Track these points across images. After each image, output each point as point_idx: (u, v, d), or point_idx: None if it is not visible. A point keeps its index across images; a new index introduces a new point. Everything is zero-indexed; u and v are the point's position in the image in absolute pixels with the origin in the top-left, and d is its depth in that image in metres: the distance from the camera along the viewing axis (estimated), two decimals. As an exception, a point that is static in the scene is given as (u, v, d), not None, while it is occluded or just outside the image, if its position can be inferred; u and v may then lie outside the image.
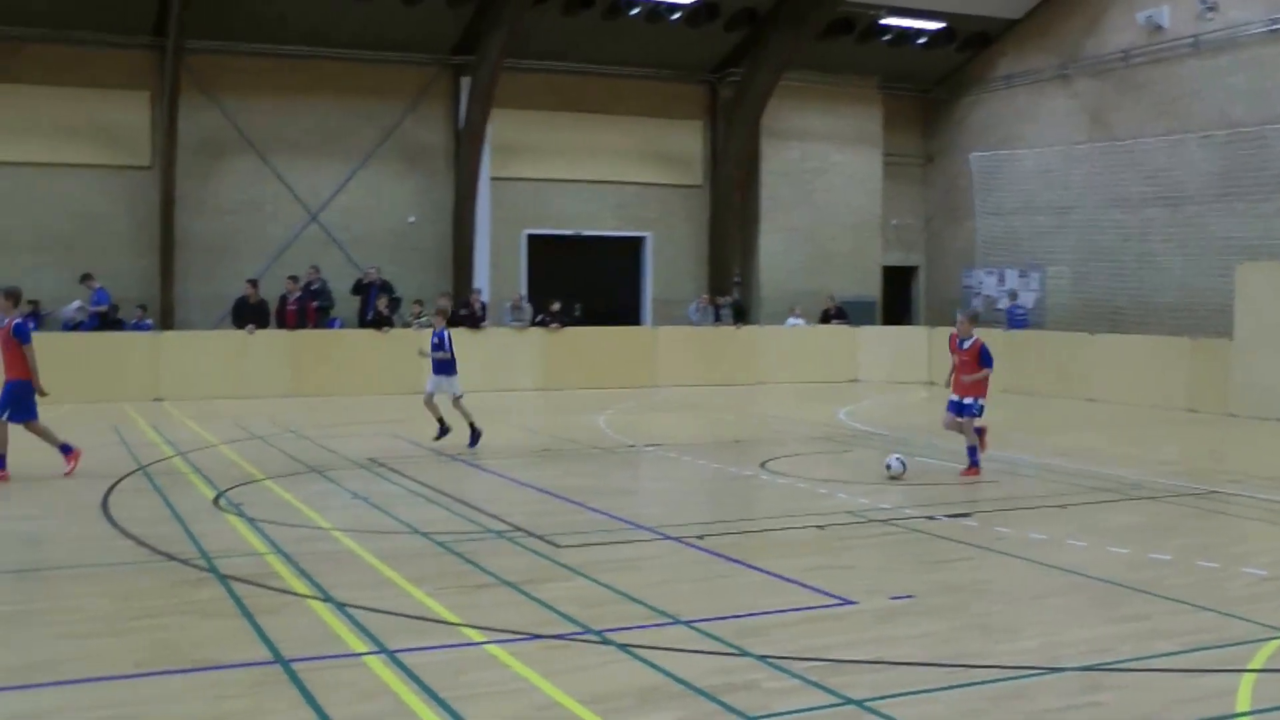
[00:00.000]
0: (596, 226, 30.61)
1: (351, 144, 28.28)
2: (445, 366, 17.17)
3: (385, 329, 25.44)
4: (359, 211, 28.32)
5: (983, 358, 14.49)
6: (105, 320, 24.77)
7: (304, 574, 9.28)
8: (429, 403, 17.19)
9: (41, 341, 22.86)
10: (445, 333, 17.38)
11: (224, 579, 9.14)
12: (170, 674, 7.00)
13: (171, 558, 9.91)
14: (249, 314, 25.05)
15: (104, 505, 12.28)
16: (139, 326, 25.26)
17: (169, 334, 25.31)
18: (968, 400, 14.45)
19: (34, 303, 24.32)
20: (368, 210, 28.39)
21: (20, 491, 13.31)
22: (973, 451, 14.52)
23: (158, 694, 6.68)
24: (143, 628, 7.96)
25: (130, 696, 6.65)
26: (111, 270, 25.75)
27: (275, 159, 27.62)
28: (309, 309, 25.63)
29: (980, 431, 14.71)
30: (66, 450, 14.33)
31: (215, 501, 12.58)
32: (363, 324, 25.98)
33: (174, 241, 26.59)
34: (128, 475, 14.24)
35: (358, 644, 7.49)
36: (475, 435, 16.88)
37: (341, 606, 8.32)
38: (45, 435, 14.35)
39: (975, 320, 15.24)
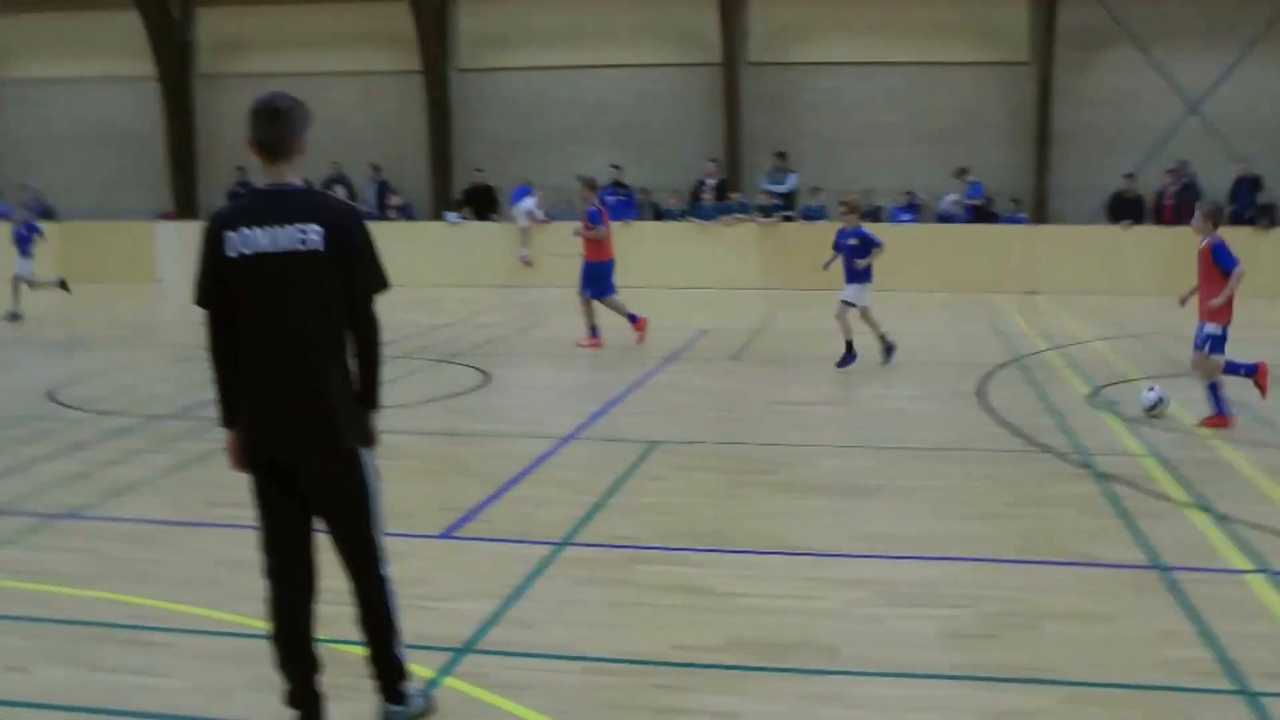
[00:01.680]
0: None
1: (1235, 29, 26.33)
2: (861, 273, 14.37)
3: (1267, 227, 23.71)
4: (1240, 101, 26.36)
5: (1219, 257, 10.46)
6: (980, 213, 25.51)
7: (1181, 480, 9.05)
8: (844, 316, 14.46)
9: (917, 233, 24.74)
10: (864, 231, 14.63)
11: (1100, 476, 9.17)
12: (1047, 564, 7.20)
13: (1047, 449, 10.12)
14: (1124, 208, 24.55)
15: (980, 393, 12.80)
16: (1013, 220, 25.75)
17: (1043, 227, 25.54)
18: (1206, 327, 10.75)
19: (910, 194, 25.76)
20: (1248, 100, 26.36)
21: (901, 374, 14.23)
22: (1213, 390, 10.94)
23: (1035, 583, 6.88)
24: (1021, 515, 8.23)
25: (1009, 581, 6.91)
26: (986, 164, 26.37)
27: (1154, 48, 26.56)
28: (1186, 204, 24.54)
29: (1256, 371, 10.99)
30: (633, 319, 16.30)
31: (1090, 398, 12.61)
32: (1234, 221, 24.31)
33: (1049, 135, 26.63)
34: (1002, 366, 14.69)
35: (1239, 560, 7.20)
36: (889, 349, 14.59)
37: (1222, 518, 8.02)
38: (617, 308, 16.37)
39: (1213, 217, 10.75)
